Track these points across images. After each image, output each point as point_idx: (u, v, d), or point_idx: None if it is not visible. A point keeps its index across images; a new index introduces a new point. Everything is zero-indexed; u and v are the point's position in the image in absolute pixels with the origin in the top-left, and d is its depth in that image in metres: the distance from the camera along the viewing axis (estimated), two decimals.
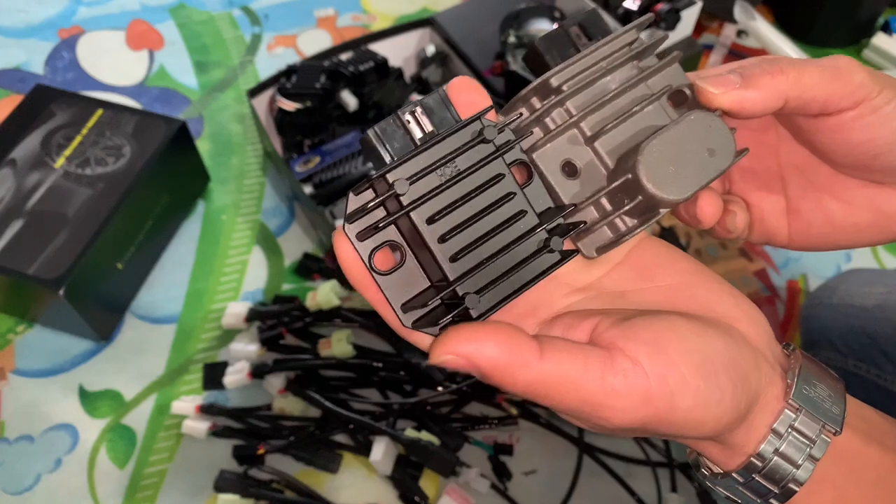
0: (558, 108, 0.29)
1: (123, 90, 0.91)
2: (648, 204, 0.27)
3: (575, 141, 0.29)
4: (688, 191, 0.27)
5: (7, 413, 0.67)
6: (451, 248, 0.25)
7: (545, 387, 0.24)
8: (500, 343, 0.23)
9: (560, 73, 0.28)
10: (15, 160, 0.71)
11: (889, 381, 0.60)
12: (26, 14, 0.99)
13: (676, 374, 0.24)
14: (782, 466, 0.26)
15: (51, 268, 0.64)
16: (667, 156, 0.27)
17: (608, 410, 0.24)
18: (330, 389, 0.66)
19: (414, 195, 0.25)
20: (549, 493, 0.63)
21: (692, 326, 0.26)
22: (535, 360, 0.23)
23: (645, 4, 0.80)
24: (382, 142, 0.25)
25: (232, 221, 0.80)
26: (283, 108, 0.77)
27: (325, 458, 0.63)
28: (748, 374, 0.26)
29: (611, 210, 0.29)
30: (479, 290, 0.25)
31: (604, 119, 0.29)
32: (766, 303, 0.76)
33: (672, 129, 0.27)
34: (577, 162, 0.29)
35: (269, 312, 0.70)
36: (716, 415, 0.25)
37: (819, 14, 0.96)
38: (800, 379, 0.27)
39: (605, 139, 0.29)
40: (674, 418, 0.24)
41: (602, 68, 0.29)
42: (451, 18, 0.88)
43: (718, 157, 0.28)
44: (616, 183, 0.28)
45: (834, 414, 0.27)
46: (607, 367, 0.24)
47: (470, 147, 0.25)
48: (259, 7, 1.02)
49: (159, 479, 0.64)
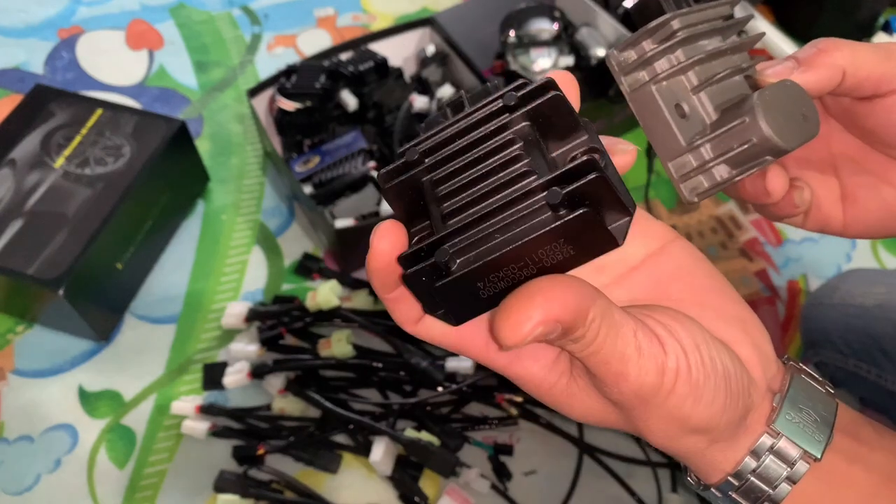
0: (669, 53, 0.30)
1: (123, 90, 0.91)
2: (756, 149, 0.29)
3: (684, 87, 0.31)
4: (794, 142, 0.29)
5: (7, 413, 0.67)
6: (449, 209, 0.24)
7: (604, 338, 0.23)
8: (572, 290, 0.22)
9: (681, 17, 0.30)
10: (14, 160, 0.71)
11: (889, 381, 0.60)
12: (26, 14, 0.99)
13: (683, 360, 0.24)
14: (759, 487, 0.27)
15: (50, 268, 0.64)
16: (777, 108, 0.29)
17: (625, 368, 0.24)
18: (330, 389, 0.66)
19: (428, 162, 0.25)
20: (549, 493, 0.63)
21: (702, 330, 0.26)
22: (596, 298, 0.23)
23: None
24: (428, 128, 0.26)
25: (232, 221, 0.80)
26: (283, 108, 0.77)
27: (325, 459, 0.63)
28: (738, 393, 0.26)
29: (711, 158, 0.30)
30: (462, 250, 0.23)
31: (707, 74, 0.31)
32: (766, 303, 0.76)
33: (776, 89, 0.29)
34: (686, 107, 0.31)
35: (268, 312, 0.70)
36: (703, 414, 0.25)
37: (819, 14, 0.96)
38: (786, 403, 0.27)
39: (709, 91, 0.30)
40: (668, 402, 0.24)
41: (706, 29, 0.30)
42: (451, 18, 0.88)
43: (809, 124, 0.30)
44: (731, 125, 0.29)
45: (816, 441, 0.27)
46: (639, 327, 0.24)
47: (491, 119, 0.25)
48: (259, 7, 1.02)
49: (159, 480, 0.64)
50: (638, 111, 0.32)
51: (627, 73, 0.31)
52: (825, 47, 0.31)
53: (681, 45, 0.30)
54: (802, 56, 0.31)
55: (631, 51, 0.31)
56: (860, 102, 0.33)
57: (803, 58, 0.31)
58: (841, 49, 0.31)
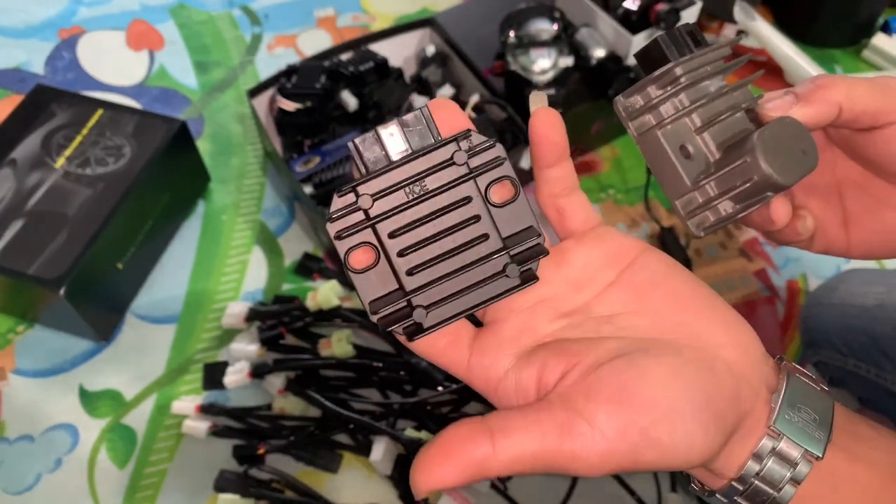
0: (673, 98, 0.32)
1: (123, 90, 0.91)
2: (758, 187, 0.31)
3: (688, 129, 0.33)
4: (794, 178, 0.31)
5: (7, 413, 0.67)
6: (410, 263, 0.27)
7: (513, 467, 0.25)
8: (454, 463, 0.25)
9: (684, 64, 0.32)
10: (15, 160, 0.71)
11: (889, 380, 0.60)
12: (26, 14, 0.99)
13: (635, 431, 0.25)
14: (764, 490, 0.27)
15: (51, 268, 0.64)
16: (777, 146, 0.31)
17: (573, 470, 0.25)
18: (330, 389, 0.66)
19: (379, 210, 0.26)
20: (549, 492, 0.63)
21: (665, 371, 0.26)
22: (493, 457, 0.25)
23: (645, 5, 0.80)
24: (360, 154, 0.27)
25: (232, 221, 0.80)
26: (283, 108, 0.77)
27: (325, 458, 0.63)
28: (725, 410, 0.26)
29: (716, 194, 0.32)
30: (432, 304, 0.27)
31: (710, 115, 0.32)
32: (766, 303, 0.76)
33: (775, 126, 0.31)
34: (691, 147, 0.33)
35: (269, 312, 0.70)
36: (686, 457, 0.25)
37: (819, 14, 0.97)
38: (784, 403, 0.27)
39: (712, 131, 0.32)
40: (641, 467, 0.25)
41: (706, 73, 0.32)
42: (451, 18, 0.88)
43: (808, 158, 0.31)
44: (734, 165, 0.31)
45: (816, 439, 0.27)
46: (564, 434, 0.25)
47: (442, 168, 0.26)
48: (259, 7, 1.02)
49: (159, 479, 0.64)
50: (645, 152, 0.34)
51: (634, 118, 0.33)
52: (823, 83, 0.33)
53: (684, 90, 0.32)
54: (801, 91, 0.33)
55: (637, 96, 0.33)
56: (859, 133, 0.35)
57: (802, 93, 0.33)
58: (837, 85, 0.33)
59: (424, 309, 0.27)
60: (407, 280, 0.27)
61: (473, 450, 0.25)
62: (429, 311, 0.27)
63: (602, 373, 0.26)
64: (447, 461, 0.25)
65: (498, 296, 0.28)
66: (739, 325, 0.29)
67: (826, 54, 0.99)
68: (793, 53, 0.89)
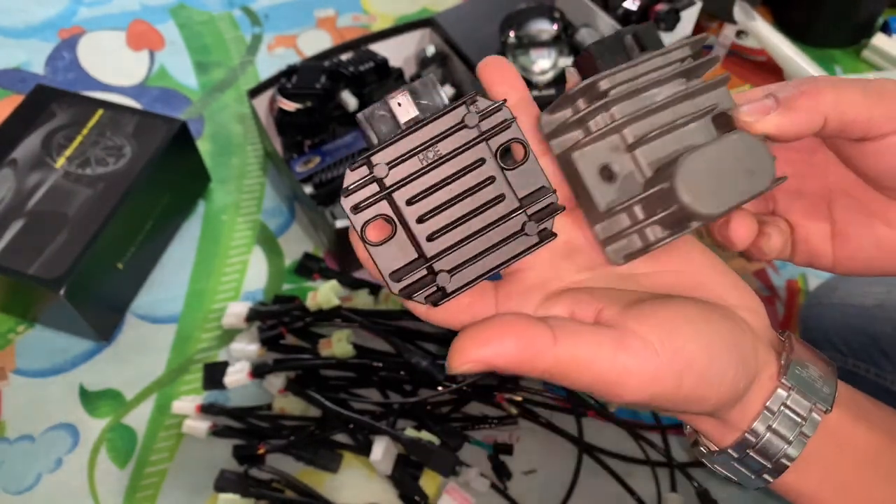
0: (603, 111, 0.29)
1: (124, 90, 0.92)
2: (681, 215, 0.28)
3: (616, 147, 0.29)
4: (721, 207, 0.27)
5: (7, 413, 0.67)
6: (429, 229, 0.27)
7: (561, 369, 0.25)
8: (517, 338, 0.24)
9: (610, 77, 0.28)
10: (15, 160, 0.71)
11: (889, 380, 0.60)
12: (27, 14, 0.99)
13: (683, 354, 0.25)
14: (774, 443, 0.28)
15: (51, 268, 0.64)
16: (706, 170, 0.27)
17: (620, 387, 0.25)
18: (330, 389, 0.66)
19: (395, 178, 0.26)
20: (549, 492, 0.63)
21: (699, 310, 0.27)
22: (550, 347, 0.25)
23: (644, 5, 0.80)
24: (371, 124, 0.27)
25: (232, 221, 0.80)
26: (284, 109, 0.77)
27: (326, 458, 0.63)
28: (748, 356, 0.27)
29: (643, 219, 0.29)
30: (455, 268, 0.27)
31: (647, 129, 0.29)
32: (766, 303, 0.76)
33: (713, 146, 0.28)
34: (616, 167, 0.29)
35: (269, 312, 0.70)
36: (718, 392, 0.26)
37: (819, 14, 0.97)
38: (793, 361, 0.28)
39: (646, 149, 0.29)
40: (680, 394, 0.26)
41: (651, 80, 0.29)
42: (451, 18, 0.88)
43: (756, 179, 0.28)
44: (652, 190, 0.28)
45: (825, 393, 0.28)
46: (619, 346, 0.25)
47: (453, 132, 0.26)
48: (259, 7, 1.02)
49: (159, 479, 0.64)
50: (565, 171, 0.30)
51: (558, 135, 0.30)
52: (808, 90, 0.29)
53: (617, 103, 0.29)
54: (783, 96, 0.29)
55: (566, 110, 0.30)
56: (852, 143, 0.31)
57: (784, 98, 0.29)
58: (824, 92, 0.29)
59: (448, 273, 0.27)
60: (427, 246, 0.27)
61: (536, 334, 0.25)
62: (452, 275, 0.27)
63: (644, 305, 0.27)
64: (509, 335, 0.24)
65: (519, 255, 0.28)
66: (749, 291, 0.30)
67: (826, 54, 0.99)
68: (792, 54, 0.89)
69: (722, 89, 0.30)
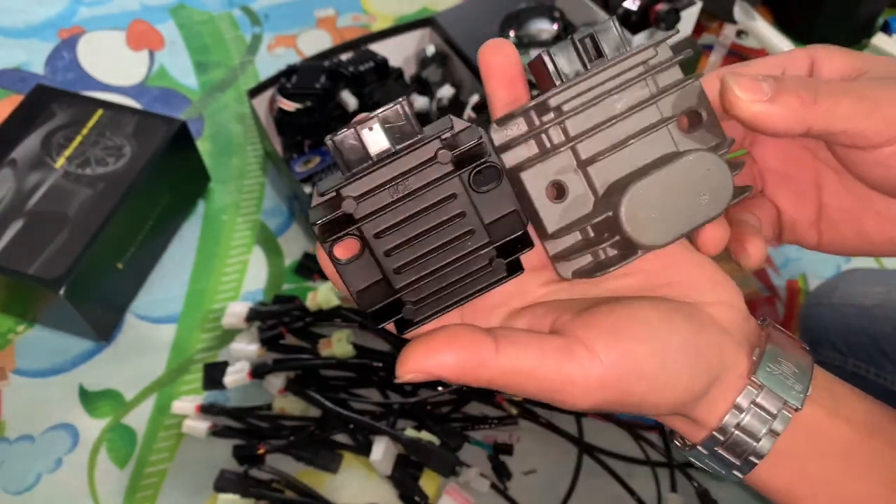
0: (556, 126, 0.27)
1: (124, 90, 0.91)
2: (628, 243, 0.27)
3: (568, 165, 0.28)
4: (668, 237, 0.26)
5: (7, 413, 0.67)
6: (397, 262, 0.27)
7: (505, 379, 0.25)
8: (457, 349, 0.25)
9: (560, 94, 0.27)
10: (15, 160, 0.71)
11: (889, 380, 0.60)
12: (26, 14, 0.99)
13: (631, 360, 0.25)
14: (743, 440, 0.27)
15: (51, 268, 0.64)
16: (653, 199, 0.26)
17: (565, 395, 0.25)
18: (330, 389, 0.66)
19: (364, 212, 0.26)
20: (548, 492, 0.63)
21: (655, 312, 0.27)
22: (492, 357, 0.25)
23: (645, 4, 0.80)
24: (340, 152, 0.26)
25: (232, 221, 0.80)
26: (284, 108, 0.77)
27: (326, 458, 0.63)
28: (709, 357, 0.27)
29: (593, 237, 0.28)
30: (421, 300, 0.27)
31: (602, 144, 0.28)
32: (765, 303, 0.76)
33: (665, 171, 0.26)
34: (567, 185, 0.28)
35: (269, 312, 0.70)
36: (672, 396, 0.26)
37: (819, 14, 0.96)
38: (765, 357, 0.28)
39: (600, 165, 0.28)
40: (630, 400, 0.26)
41: (608, 89, 0.27)
42: (451, 18, 0.88)
43: (710, 204, 0.26)
44: (598, 218, 0.27)
45: (796, 391, 0.27)
46: (564, 355, 0.25)
47: (424, 167, 0.26)
48: (259, 7, 1.02)
49: (159, 479, 0.64)
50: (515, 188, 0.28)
51: (509, 148, 0.28)
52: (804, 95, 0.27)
53: (570, 117, 0.27)
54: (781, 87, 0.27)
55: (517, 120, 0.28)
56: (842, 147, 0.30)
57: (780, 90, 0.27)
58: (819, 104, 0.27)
59: (413, 305, 0.27)
60: (395, 278, 0.27)
61: (479, 346, 0.25)
62: (417, 307, 0.28)
63: (597, 309, 0.27)
64: (450, 347, 0.25)
65: (484, 288, 0.28)
66: (726, 284, 0.29)
67: None
68: None
69: (695, 86, 0.28)
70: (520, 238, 0.28)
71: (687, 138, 0.29)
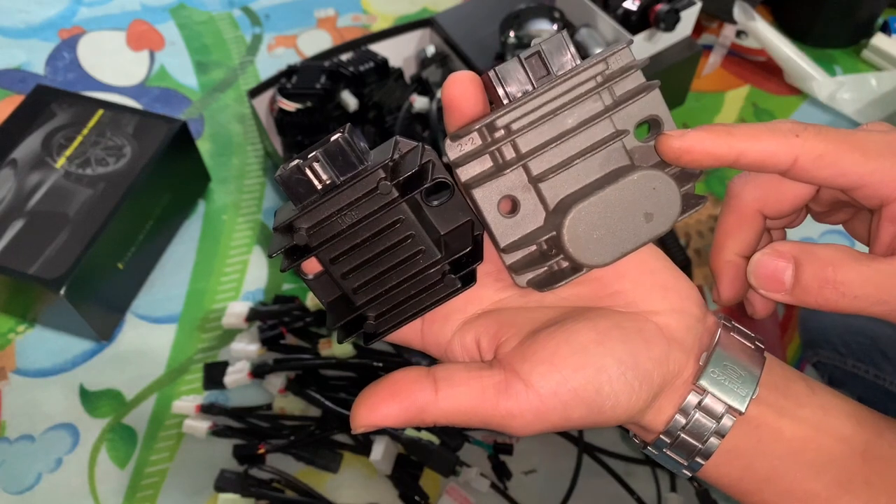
0: (507, 143, 0.27)
1: (124, 90, 0.92)
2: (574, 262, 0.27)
3: (519, 181, 0.28)
4: (611, 257, 0.27)
5: (8, 413, 0.67)
6: (354, 282, 0.29)
7: (448, 419, 0.27)
8: (398, 400, 0.27)
9: (507, 114, 0.27)
10: (16, 160, 0.71)
11: (888, 381, 0.60)
12: (27, 14, 0.99)
13: (566, 389, 0.26)
14: (690, 442, 0.28)
15: (51, 268, 0.64)
16: (596, 219, 0.26)
17: (508, 427, 0.27)
18: (330, 389, 0.66)
19: (317, 240, 0.27)
20: (548, 492, 0.64)
21: (593, 335, 0.27)
22: (433, 402, 0.27)
23: (644, 5, 0.80)
24: (288, 188, 0.27)
25: (232, 221, 0.80)
26: (284, 109, 0.77)
27: (326, 458, 0.63)
28: (649, 372, 0.27)
29: (546, 250, 0.28)
30: (381, 315, 0.30)
31: (553, 160, 0.28)
32: None
33: (608, 190, 0.26)
34: (519, 200, 0.28)
35: (269, 312, 0.70)
36: (614, 415, 0.27)
37: (818, 14, 0.97)
38: (711, 361, 0.28)
39: (551, 181, 0.28)
40: (572, 424, 0.27)
41: (558, 105, 0.27)
42: (451, 18, 0.88)
43: (656, 222, 0.27)
44: (546, 236, 0.27)
45: (740, 396, 0.28)
46: (501, 392, 0.27)
47: (370, 196, 0.27)
48: (259, 7, 1.02)
49: (160, 479, 0.64)
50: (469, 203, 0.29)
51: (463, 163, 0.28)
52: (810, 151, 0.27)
53: (522, 134, 0.27)
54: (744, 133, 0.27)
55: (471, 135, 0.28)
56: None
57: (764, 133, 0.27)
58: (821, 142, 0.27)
59: (374, 321, 0.29)
60: (354, 297, 0.29)
61: (417, 393, 0.27)
62: (378, 321, 0.30)
63: (537, 337, 0.28)
64: (392, 400, 0.27)
65: (439, 301, 0.29)
66: (679, 289, 0.29)
67: (826, 54, 0.99)
68: (792, 54, 0.89)
69: (652, 95, 0.28)
70: (470, 253, 0.29)
71: (644, 151, 0.29)
